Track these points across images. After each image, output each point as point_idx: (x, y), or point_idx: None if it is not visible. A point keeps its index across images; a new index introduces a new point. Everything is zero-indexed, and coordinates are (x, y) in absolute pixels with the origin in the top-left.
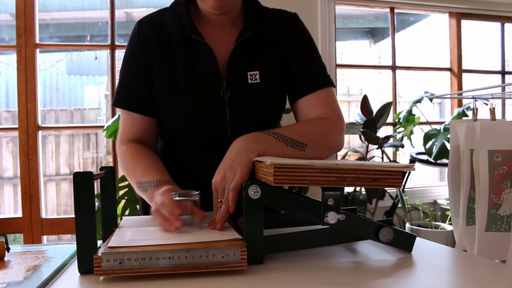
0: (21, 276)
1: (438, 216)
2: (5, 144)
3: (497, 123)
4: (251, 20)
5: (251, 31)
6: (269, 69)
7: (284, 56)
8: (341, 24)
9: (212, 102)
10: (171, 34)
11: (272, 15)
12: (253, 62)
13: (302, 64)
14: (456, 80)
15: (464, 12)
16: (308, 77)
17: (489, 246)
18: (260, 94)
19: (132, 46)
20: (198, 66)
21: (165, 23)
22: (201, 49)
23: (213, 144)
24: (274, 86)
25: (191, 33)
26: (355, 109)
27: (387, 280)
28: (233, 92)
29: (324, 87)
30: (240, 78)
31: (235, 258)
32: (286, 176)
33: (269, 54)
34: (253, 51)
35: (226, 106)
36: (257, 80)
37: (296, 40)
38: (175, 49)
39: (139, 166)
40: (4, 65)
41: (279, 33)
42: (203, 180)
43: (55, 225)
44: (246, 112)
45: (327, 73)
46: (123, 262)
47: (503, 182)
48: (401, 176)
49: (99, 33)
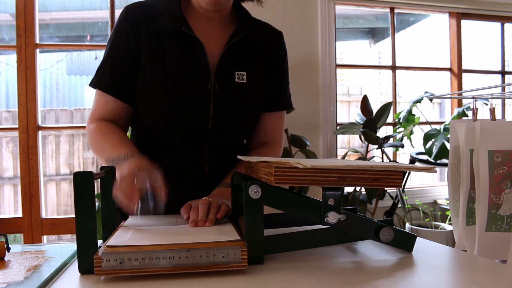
0: (21, 276)
1: (438, 216)
2: (5, 144)
3: (497, 123)
4: (243, 24)
5: (245, 33)
6: (256, 73)
7: (270, 67)
8: (341, 24)
9: (199, 92)
10: (163, 25)
11: (261, 25)
12: (242, 63)
13: (280, 84)
14: (456, 80)
15: (464, 12)
16: (280, 97)
17: (489, 246)
18: (245, 94)
19: (118, 31)
20: (188, 58)
21: (157, 13)
22: (192, 43)
23: (193, 137)
24: (258, 89)
25: (183, 26)
26: (355, 109)
27: (387, 280)
28: (220, 87)
29: (287, 108)
30: (228, 76)
31: (235, 258)
32: (287, 176)
33: (258, 59)
34: (243, 53)
35: (211, 99)
36: (244, 81)
37: (283, 59)
38: (165, 39)
39: (108, 142)
40: (4, 65)
41: (268, 44)
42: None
43: (55, 225)
44: (229, 108)
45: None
46: (124, 262)
47: (503, 182)
48: (401, 176)
49: (99, 33)
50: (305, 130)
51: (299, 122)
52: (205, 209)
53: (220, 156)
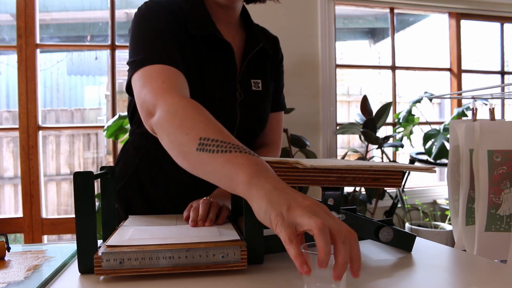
0: (21, 275)
1: (437, 216)
2: (6, 144)
3: (496, 123)
4: (254, 32)
5: (262, 43)
6: (268, 79)
7: (274, 71)
8: (341, 24)
9: (229, 100)
10: (196, 28)
11: (264, 32)
12: (255, 71)
13: (278, 87)
14: (456, 80)
15: (464, 12)
16: (277, 99)
17: (489, 246)
18: (262, 102)
19: (158, 13)
20: (220, 64)
21: (184, 13)
22: (224, 49)
23: None
24: (269, 95)
25: (216, 31)
26: (355, 109)
27: (387, 280)
28: (244, 95)
29: (282, 109)
30: (247, 84)
31: (235, 258)
32: (286, 176)
33: (268, 65)
34: (256, 61)
35: (237, 108)
36: (259, 88)
37: (281, 63)
38: (198, 42)
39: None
40: (5, 65)
41: (271, 49)
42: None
43: (56, 225)
44: (252, 117)
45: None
46: (123, 261)
47: (503, 182)
48: (401, 176)
49: (100, 33)
50: (305, 130)
51: (299, 122)
52: (206, 208)
53: None
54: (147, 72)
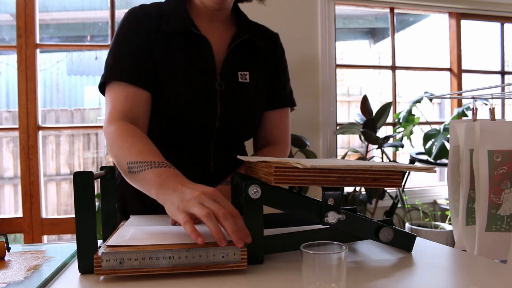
0: (21, 275)
1: (437, 216)
2: (6, 144)
3: (496, 123)
4: (243, 26)
5: (247, 35)
6: (257, 73)
7: (270, 68)
8: (341, 24)
9: (207, 92)
10: (171, 26)
11: (259, 27)
12: (244, 63)
13: (279, 82)
14: (456, 80)
15: (464, 12)
16: (280, 95)
17: (489, 246)
18: (249, 93)
19: (132, 23)
20: (195, 58)
21: (164, 14)
22: (200, 43)
23: (199, 136)
24: (260, 89)
25: (191, 26)
26: (355, 109)
27: (387, 280)
28: (226, 86)
29: (288, 106)
30: (232, 76)
31: (235, 258)
32: (286, 176)
33: (257, 60)
34: (244, 54)
35: (218, 98)
36: (247, 80)
37: (281, 58)
38: (174, 40)
39: (134, 146)
40: (5, 65)
41: (266, 45)
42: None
43: (56, 225)
44: (236, 107)
45: (293, 95)
46: (123, 261)
47: (503, 182)
48: (401, 176)
49: (99, 33)
50: (305, 130)
51: (299, 122)
52: None
53: (225, 154)
54: (111, 90)
